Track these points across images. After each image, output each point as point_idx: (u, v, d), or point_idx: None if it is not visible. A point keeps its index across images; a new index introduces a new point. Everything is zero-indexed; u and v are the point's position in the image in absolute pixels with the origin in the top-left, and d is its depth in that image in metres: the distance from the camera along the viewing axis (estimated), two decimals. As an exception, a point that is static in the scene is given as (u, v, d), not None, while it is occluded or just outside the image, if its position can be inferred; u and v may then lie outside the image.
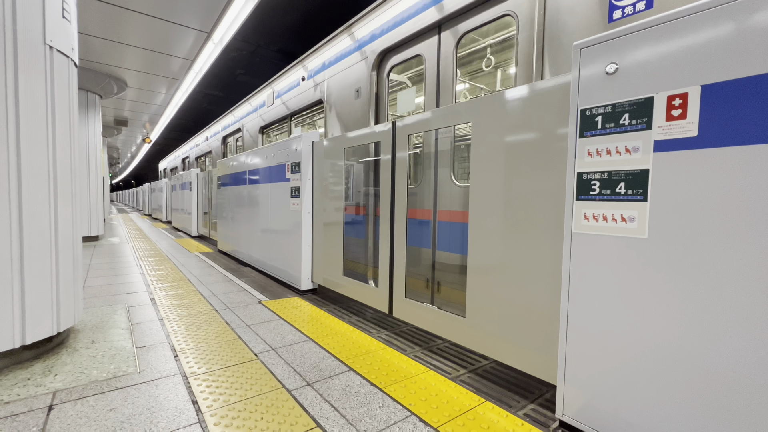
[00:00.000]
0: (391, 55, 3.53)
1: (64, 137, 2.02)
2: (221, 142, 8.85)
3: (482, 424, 1.49)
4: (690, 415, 1.14)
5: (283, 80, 5.60)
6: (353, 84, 3.88)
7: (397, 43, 3.37)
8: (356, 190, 3.83)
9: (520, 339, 1.74)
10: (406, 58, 3.38)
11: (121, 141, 14.53)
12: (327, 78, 4.37)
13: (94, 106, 6.57)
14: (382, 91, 3.64)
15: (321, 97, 4.50)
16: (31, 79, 1.80)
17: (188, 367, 1.90)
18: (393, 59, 3.52)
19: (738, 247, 1.04)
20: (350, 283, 2.99)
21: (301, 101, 5.02)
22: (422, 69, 3.23)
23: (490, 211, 1.86)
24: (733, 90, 1.04)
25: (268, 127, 6.46)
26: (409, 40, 3.28)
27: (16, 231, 1.78)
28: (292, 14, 14.19)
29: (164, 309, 2.86)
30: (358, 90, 3.80)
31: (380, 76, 3.65)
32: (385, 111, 3.63)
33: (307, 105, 4.89)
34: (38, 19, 1.82)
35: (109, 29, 4.66)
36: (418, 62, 3.58)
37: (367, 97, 3.68)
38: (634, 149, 1.23)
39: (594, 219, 1.34)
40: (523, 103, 1.72)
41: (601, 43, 1.30)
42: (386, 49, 3.48)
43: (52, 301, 1.95)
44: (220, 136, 8.81)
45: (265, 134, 6.66)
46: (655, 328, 1.20)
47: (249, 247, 4.70)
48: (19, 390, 1.63)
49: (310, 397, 1.65)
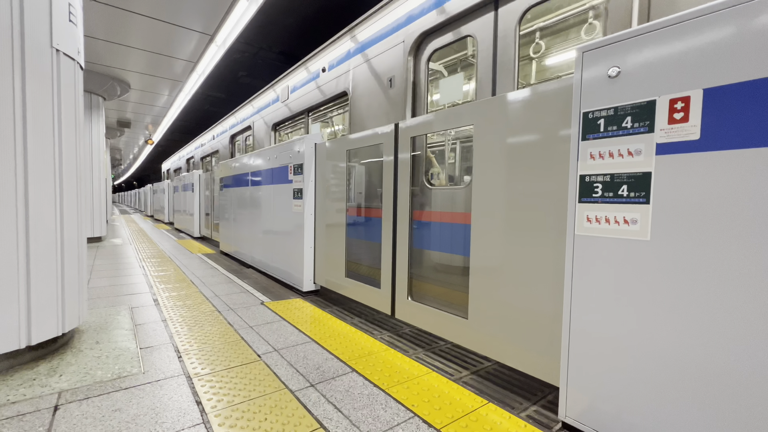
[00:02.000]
0: (432, 38, 3.13)
1: (69, 139, 2.03)
2: (229, 141, 8.46)
3: (485, 425, 1.49)
4: (693, 417, 1.14)
5: (299, 73, 5.23)
6: (385, 73, 3.51)
7: (440, 24, 3.00)
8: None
9: (523, 341, 1.74)
10: (451, 40, 2.99)
11: (123, 142, 14.59)
12: (352, 68, 3.99)
13: (97, 108, 6.61)
14: (420, 80, 3.24)
15: (345, 88, 4.12)
16: (38, 82, 1.82)
17: (192, 368, 1.91)
18: (434, 43, 3.11)
19: (740, 250, 1.05)
20: (352, 285, 2.99)
21: (320, 95, 4.66)
22: (466, 53, 3.00)
23: (492, 213, 1.87)
24: (735, 93, 1.05)
25: (282, 124, 6.01)
26: (455, 19, 2.91)
27: (23, 232, 1.79)
28: (294, 17, 14.25)
29: (167, 310, 2.87)
30: (391, 79, 3.42)
31: (418, 62, 3.26)
32: (423, 102, 3.23)
33: (328, 99, 4.54)
34: (45, 22, 1.84)
35: (113, 32, 4.69)
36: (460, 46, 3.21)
37: (403, 87, 3.30)
38: (636, 152, 1.24)
39: (596, 221, 1.34)
40: (526, 106, 1.73)
41: (604, 47, 1.31)
42: (426, 31, 3.10)
43: (58, 302, 1.96)
44: (228, 134, 8.44)
45: (277, 132, 6.19)
46: (657, 330, 1.21)
47: (251, 248, 4.71)
48: (25, 390, 1.65)
49: (314, 398, 1.66)
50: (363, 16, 3.86)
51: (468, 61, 3.14)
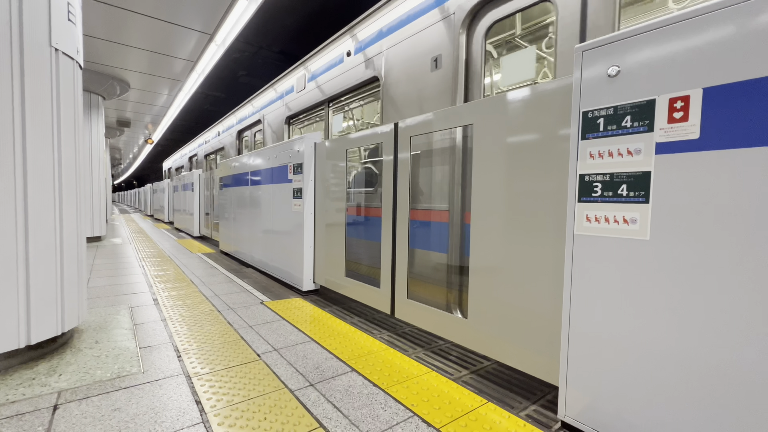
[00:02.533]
0: (490, 7, 2.69)
1: (69, 139, 2.03)
2: (236, 137, 7.84)
3: (484, 425, 1.49)
4: (692, 417, 1.14)
5: (319, 59, 4.70)
6: (428, 52, 3.06)
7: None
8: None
9: (522, 340, 1.74)
10: (521, 6, 2.51)
11: (123, 142, 14.58)
12: (385, 49, 3.52)
13: (97, 108, 6.60)
14: (475, 59, 2.78)
15: (376, 73, 3.66)
16: (37, 82, 1.82)
17: (191, 367, 1.91)
18: (494, 12, 2.67)
19: (740, 249, 1.04)
20: (352, 284, 2.99)
21: (344, 82, 4.20)
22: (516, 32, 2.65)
23: (491, 213, 1.87)
24: (735, 92, 1.05)
25: (297, 117, 5.47)
26: None
27: (22, 231, 1.79)
28: (293, 16, 14.25)
29: (167, 309, 2.87)
30: (436, 59, 2.98)
31: (472, 37, 2.82)
32: (479, 84, 2.76)
33: (354, 86, 4.08)
34: (44, 21, 1.84)
35: (113, 31, 4.68)
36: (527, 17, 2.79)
37: (452, 68, 2.85)
38: (635, 151, 1.24)
39: (596, 220, 1.34)
40: (525, 105, 1.73)
41: (603, 46, 1.31)
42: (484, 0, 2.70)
43: (57, 301, 1.96)
44: (235, 130, 7.82)
45: (292, 125, 5.63)
46: (657, 330, 1.21)
47: (251, 248, 4.71)
48: (25, 390, 1.65)
49: (313, 398, 1.66)
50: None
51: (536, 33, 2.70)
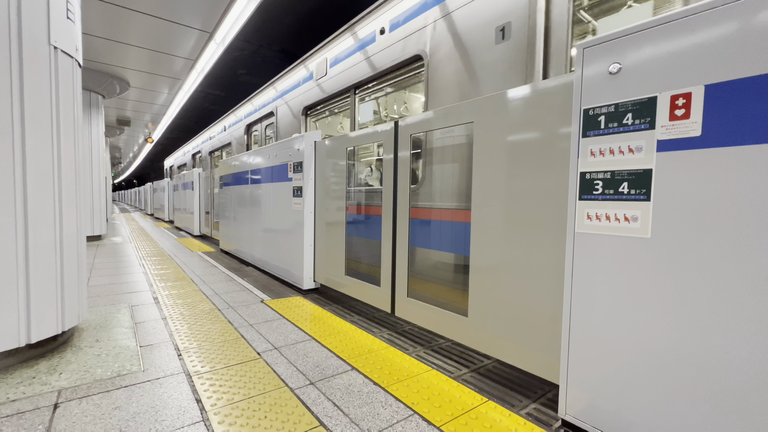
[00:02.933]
0: None
1: (68, 137, 2.03)
2: (245, 132, 7.19)
3: (485, 423, 1.49)
4: (692, 415, 1.14)
5: (343, 41, 4.12)
6: (491, 21, 2.56)
7: None
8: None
9: (523, 338, 1.74)
10: None
11: (123, 141, 14.57)
12: (432, 21, 3.00)
13: (96, 106, 6.59)
14: (558, 24, 2.23)
15: (419, 51, 3.13)
16: (35, 80, 1.81)
17: (192, 365, 1.91)
18: None
19: (741, 247, 1.04)
20: (352, 283, 2.99)
21: (376, 64, 3.65)
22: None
23: (492, 211, 1.86)
24: (737, 89, 1.04)
25: (316, 107, 4.88)
26: None
27: (22, 230, 1.79)
28: (293, 15, 14.22)
29: (167, 308, 2.87)
30: (503, 28, 2.48)
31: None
32: (564, 56, 2.22)
33: (389, 68, 3.50)
34: (43, 19, 1.83)
35: (112, 29, 4.67)
36: None
37: (526, 38, 2.34)
38: (637, 149, 1.24)
39: (597, 218, 1.34)
40: (526, 103, 1.72)
41: (605, 43, 1.30)
42: None
43: (57, 300, 1.96)
44: (243, 124, 7.19)
45: (309, 117, 5.05)
46: (658, 328, 1.20)
47: (251, 246, 4.71)
48: (25, 388, 1.65)
49: (313, 396, 1.65)
50: None
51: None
